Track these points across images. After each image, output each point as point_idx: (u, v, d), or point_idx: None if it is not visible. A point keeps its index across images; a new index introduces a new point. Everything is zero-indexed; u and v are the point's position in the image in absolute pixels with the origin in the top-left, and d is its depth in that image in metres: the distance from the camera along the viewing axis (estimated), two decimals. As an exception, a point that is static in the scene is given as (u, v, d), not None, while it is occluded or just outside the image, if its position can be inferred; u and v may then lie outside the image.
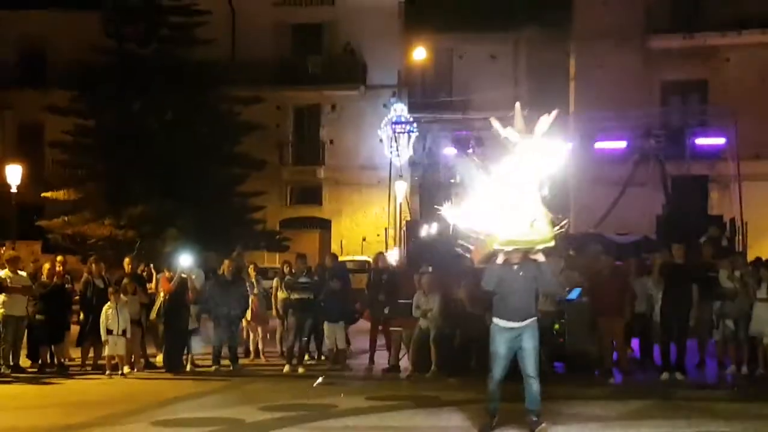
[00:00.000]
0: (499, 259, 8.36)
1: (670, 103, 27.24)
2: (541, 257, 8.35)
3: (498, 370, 8.31)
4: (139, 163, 24.54)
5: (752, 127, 22.97)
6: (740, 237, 18.90)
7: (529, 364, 8.26)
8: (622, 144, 22.39)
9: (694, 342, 13.31)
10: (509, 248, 8.21)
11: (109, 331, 12.86)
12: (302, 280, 13.62)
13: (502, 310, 8.35)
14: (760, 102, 25.29)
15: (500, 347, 8.31)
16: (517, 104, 8.28)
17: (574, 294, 13.27)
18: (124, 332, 12.91)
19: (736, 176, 21.04)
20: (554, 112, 8.12)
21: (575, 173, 27.03)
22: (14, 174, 25.31)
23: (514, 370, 8.53)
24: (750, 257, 16.39)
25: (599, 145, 21.77)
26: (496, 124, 8.25)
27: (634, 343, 13.43)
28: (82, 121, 26.57)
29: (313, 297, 13.53)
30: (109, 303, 13.03)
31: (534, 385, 8.27)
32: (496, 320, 8.42)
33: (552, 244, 8.24)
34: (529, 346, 8.28)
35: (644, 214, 20.86)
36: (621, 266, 13.65)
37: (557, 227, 8.20)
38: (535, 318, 8.48)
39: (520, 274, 8.35)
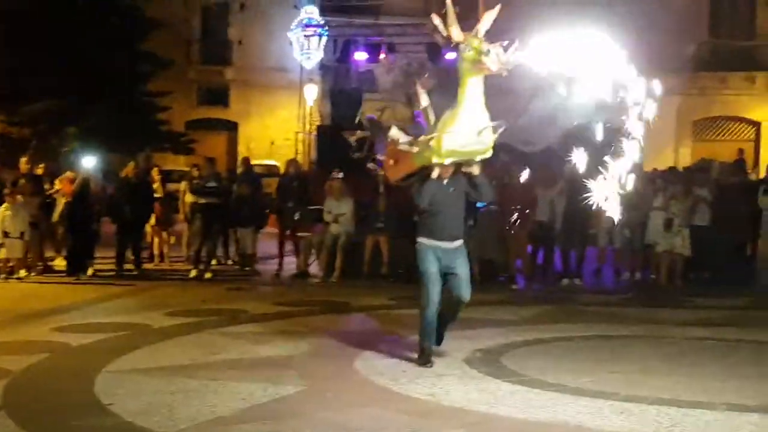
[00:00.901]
0: (434, 174, 7.37)
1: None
2: (476, 169, 7.43)
3: (434, 290, 7.40)
4: (37, 55, 23.22)
5: (649, 40, 23.26)
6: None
7: (465, 290, 7.49)
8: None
9: (593, 250, 13.76)
10: (449, 161, 7.26)
11: (5, 234, 12.46)
12: (210, 184, 13.42)
13: (432, 229, 7.47)
14: (658, 17, 25.56)
15: (431, 265, 7.40)
16: (449, 1, 6.98)
17: (481, 204, 13.44)
18: (21, 234, 12.52)
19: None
20: (497, 7, 6.86)
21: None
22: None
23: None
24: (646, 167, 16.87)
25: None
26: (437, 21, 7.01)
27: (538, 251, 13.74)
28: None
29: (220, 201, 13.37)
30: (5, 204, 12.58)
31: (461, 308, 7.69)
32: (423, 240, 7.51)
33: (490, 154, 7.34)
34: (463, 271, 7.52)
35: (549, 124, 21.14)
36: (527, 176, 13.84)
37: (496, 134, 7.19)
38: (463, 240, 7.65)
39: (451, 190, 7.48)
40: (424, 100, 7.56)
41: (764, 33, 27.25)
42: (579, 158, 12.80)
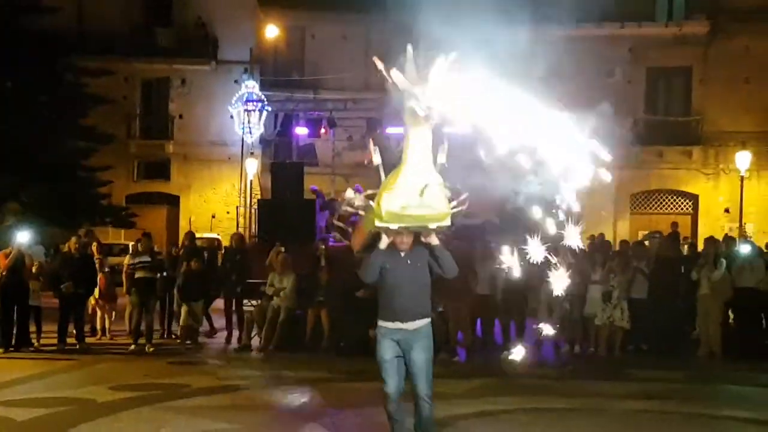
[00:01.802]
0: (383, 243, 6.55)
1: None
2: (434, 239, 6.54)
3: (390, 382, 6.60)
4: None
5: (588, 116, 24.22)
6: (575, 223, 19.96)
7: (422, 382, 6.58)
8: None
9: (532, 322, 14.05)
10: (394, 226, 6.38)
11: None
12: (144, 259, 13.53)
13: (387, 308, 6.64)
14: (597, 93, 26.68)
15: (386, 352, 6.59)
16: (409, 47, 6.30)
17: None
18: None
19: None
20: (452, 55, 6.10)
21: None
22: None
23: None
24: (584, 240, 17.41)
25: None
26: (380, 66, 6.30)
27: (477, 323, 14.00)
28: None
29: (154, 276, 13.51)
30: None
31: (426, 408, 6.67)
32: (380, 322, 6.72)
33: (448, 223, 6.46)
34: (421, 358, 6.58)
35: (491, 198, 21.67)
36: (467, 249, 14.18)
37: (455, 203, 6.47)
38: (429, 320, 6.76)
39: (408, 262, 6.60)
40: (376, 158, 6.84)
41: (699, 110, 28.34)
42: (518, 231, 13.25)
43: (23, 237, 13.51)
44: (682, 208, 29.69)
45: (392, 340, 6.59)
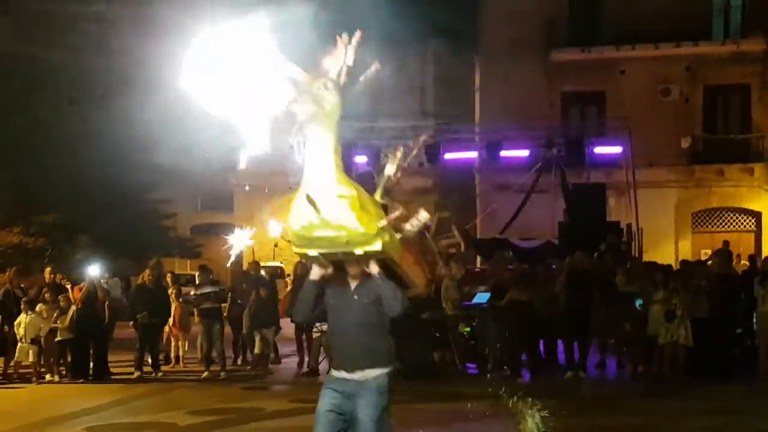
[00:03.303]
0: (314, 273, 5.42)
1: (570, 114, 28.43)
2: (373, 268, 5.29)
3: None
4: (48, 170, 24.19)
5: (646, 136, 24.32)
6: (636, 242, 20.11)
7: None
8: (525, 153, 23.57)
9: (595, 342, 14.20)
10: (313, 252, 5.19)
11: (20, 339, 13.04)
12: (206, 290, 14.02)
13: (334, 353, 5.72)
14: (653, 112, 26.68)
15: (322, 403, 5.39)
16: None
17: (483, 298, 14.02)
18: (32, 341, 13.09)
19: (632, 184, 22.30)
20: (357, 34, 5.14)
21: (481, 180, 28.20)
22: None
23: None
24: (646, 260, 17.53)
25: (504, 153, 22.84)
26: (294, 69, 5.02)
27: (540, 343, 14.17)
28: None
29: (216, 305, 13.99)
30: (23, 313, 13.21)
31: None
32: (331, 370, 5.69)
33: (376, 247, 5.05)
34: (366, 416, 5.26)
35: (547, 219, 21.90)
36: (528, 271, 14.43)
37: (384, 221, 5.10)
38: (383, 371, 5.40)
39: (355, 298, 5.42)
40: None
41: (759, 126, 28.07)
42: (578, 256, 13.46)
43: (95, 270, 14.12)
44: (744, 226, 29.32)
45: (335, 391, 5.37)
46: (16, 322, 13.17)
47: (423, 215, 5.45)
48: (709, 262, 16.55)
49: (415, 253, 5.72)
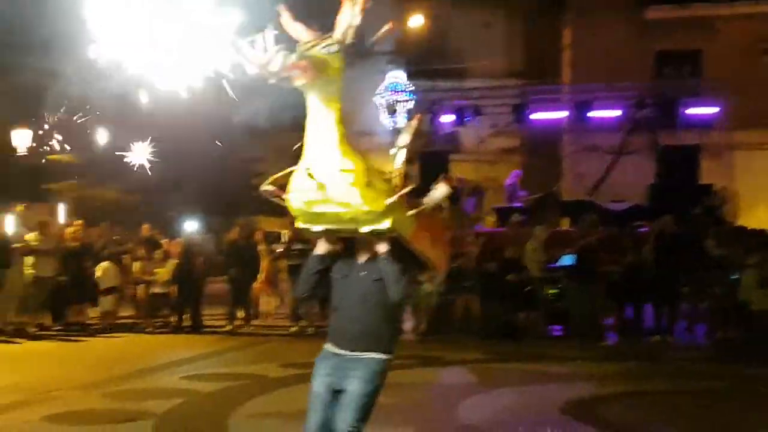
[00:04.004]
0: (319, 248, 5.20)
1: (664, 73, 27.74)
2: (382, 247, 5.00)
3: (311, 417, 5.07)
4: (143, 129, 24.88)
5: (744, 96, 23.57)
6: (730, 206, 19.66)
7: (348, 412, 4.97)
8: (616, 113, 23.17)
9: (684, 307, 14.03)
10: (317, 228, 5.01)
11: (106, 290, 13.72)
12: (295, 246, 14.30)
13: (332, 327, 5.30)
14: (751, 72, 25.82)
15: (315, 381, 5.18)
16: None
17: (569, 260, 13.98)
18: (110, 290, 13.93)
19: (728, 146, 21.73)
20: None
21: (568, 141, 27.84)
22: (22, 138, 25.66)
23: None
24: (742, 225, 17.12)
25: (593, 113, 22.50)
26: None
27: (629, 308, 14.08)
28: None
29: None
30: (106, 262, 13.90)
31: None
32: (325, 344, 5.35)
33: (384, 226, 4.78)
34: (355, 390, 5.01)
35: (637, 182, 21.54)
36: (616, 234, 14.29)
37: (396, 196, 4.79)
38: (383, 357, 5.09)
39: (361, 275, 5.12)
40: None
41: None
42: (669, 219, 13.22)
43: (191, 226, 14.59)
44: None
45: (327, 366, 5.15)
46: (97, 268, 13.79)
47: (442, 188, 5.07)
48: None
49: (435, 231, 5.39)
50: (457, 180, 18.92)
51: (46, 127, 25.61)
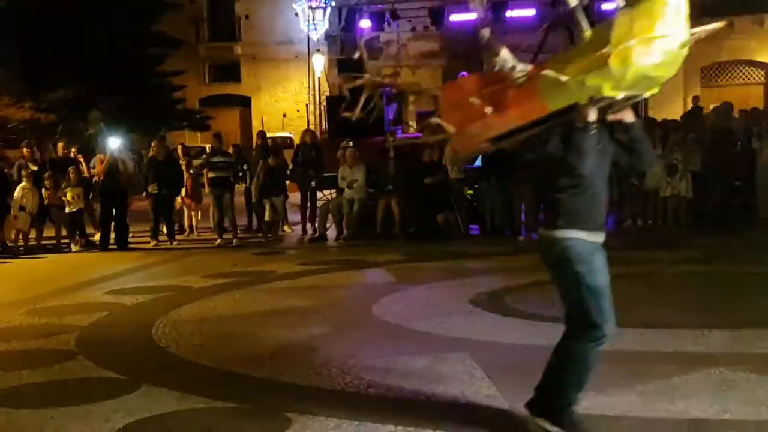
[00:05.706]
0: (591, 115, 4.40)
1: (579, -30, 27.86)
2: (629, 115, 4.61)
3: (609, 316, 4.61)
4: (55, 47, 24.20)
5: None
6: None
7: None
8: (531, 12, 23.38)
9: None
10: (623, 95, 4.29)
11: (21, 208, 13.70)
12: (216, 159, 14.39)
13: (586, 212, 4.56)
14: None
15: (602, 277, 4.62)
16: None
17: (480, 162, 14.34)
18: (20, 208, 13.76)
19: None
20: None
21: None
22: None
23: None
24: (651, 116, 17.68)
25: (510, 13, 22.66)
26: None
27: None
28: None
29: (228, 174, 14.35)
30: (23, 183, 13.79)
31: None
32: (575, 233, 4.55)
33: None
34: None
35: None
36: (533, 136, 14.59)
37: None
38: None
39: (599, 147, 4.50)
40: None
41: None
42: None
43: (115, 143, 14.50)
44: (753, 79, 29.16)
45: (602, 258, 4.65)
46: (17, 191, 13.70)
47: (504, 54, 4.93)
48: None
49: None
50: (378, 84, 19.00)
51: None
